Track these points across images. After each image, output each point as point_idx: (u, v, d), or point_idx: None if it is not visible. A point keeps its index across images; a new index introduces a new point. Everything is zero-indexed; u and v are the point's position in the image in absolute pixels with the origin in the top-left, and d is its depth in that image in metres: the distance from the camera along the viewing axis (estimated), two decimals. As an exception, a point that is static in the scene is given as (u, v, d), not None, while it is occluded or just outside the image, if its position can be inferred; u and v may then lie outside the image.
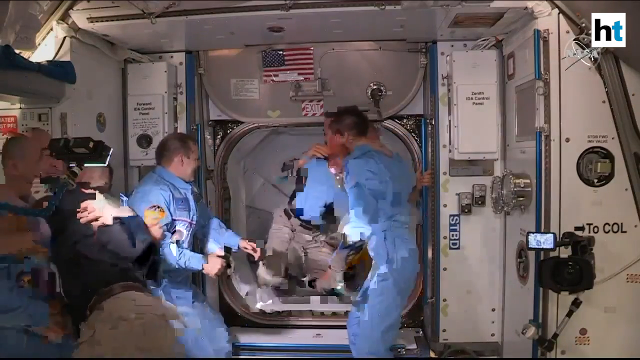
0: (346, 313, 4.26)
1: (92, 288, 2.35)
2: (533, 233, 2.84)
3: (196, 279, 3.89)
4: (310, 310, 4.42)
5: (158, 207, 3.08)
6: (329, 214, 4.18)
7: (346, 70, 4.04)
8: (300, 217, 4.40)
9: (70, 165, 2.79)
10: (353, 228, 3.15)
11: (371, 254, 3.30)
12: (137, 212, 2.77)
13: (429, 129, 3.95)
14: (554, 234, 2.81)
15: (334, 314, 4.35)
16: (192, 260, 3.26)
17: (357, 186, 3.16)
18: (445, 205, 3.73)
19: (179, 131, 3.92)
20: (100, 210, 2.47)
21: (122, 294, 2.30)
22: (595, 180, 2.94)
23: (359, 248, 3.30)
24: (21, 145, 2.58)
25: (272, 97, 4.15)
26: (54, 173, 2.66)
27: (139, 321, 2.17)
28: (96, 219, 2.45)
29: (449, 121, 3.68)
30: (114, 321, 2.15)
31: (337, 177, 3.89)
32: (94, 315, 2.24)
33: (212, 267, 3.32)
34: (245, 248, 3.68)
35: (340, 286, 3.24)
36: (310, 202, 4.19)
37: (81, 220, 2.44)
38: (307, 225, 4.52)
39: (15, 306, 2.37)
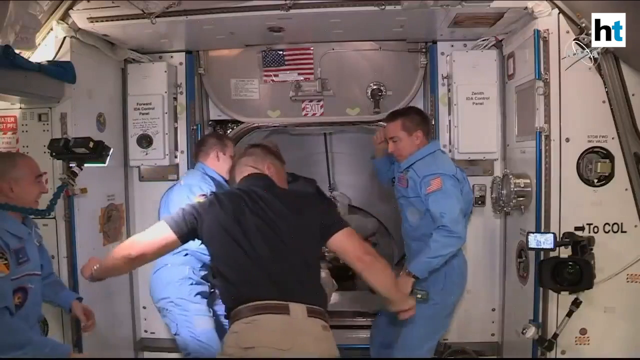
0: (344, 313, 4.27)
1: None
2: (533, 233, 2.83)
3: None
4: None
5: (206, 195, 2.92)
6: None
7: (346, 70, 4.03)
8: None
9: (70, 165, 2.80)
10: (446, 237, 2.85)
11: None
12: (187, 201, 2.52)
13: (429, 129, 3.94)
14: (554, 234, 2.81)
15: (334, 313, 4.34)
16: None
17: (445, 190, 2.89)
18: (445, 205, 3.72)
19: (179, 131, 3.96)
20: None
21: (251, 320, 2.07)
22: (595, 180, 2.93)
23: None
24: (13, 165, 2.42)
25: (272, 97, 4.14)
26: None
27: None
28: None
29: (449, 121, 3.69)
30: None
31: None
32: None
33: None
34: None
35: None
36: None
37: None
38: None
39: (20, 342, 2.12)
